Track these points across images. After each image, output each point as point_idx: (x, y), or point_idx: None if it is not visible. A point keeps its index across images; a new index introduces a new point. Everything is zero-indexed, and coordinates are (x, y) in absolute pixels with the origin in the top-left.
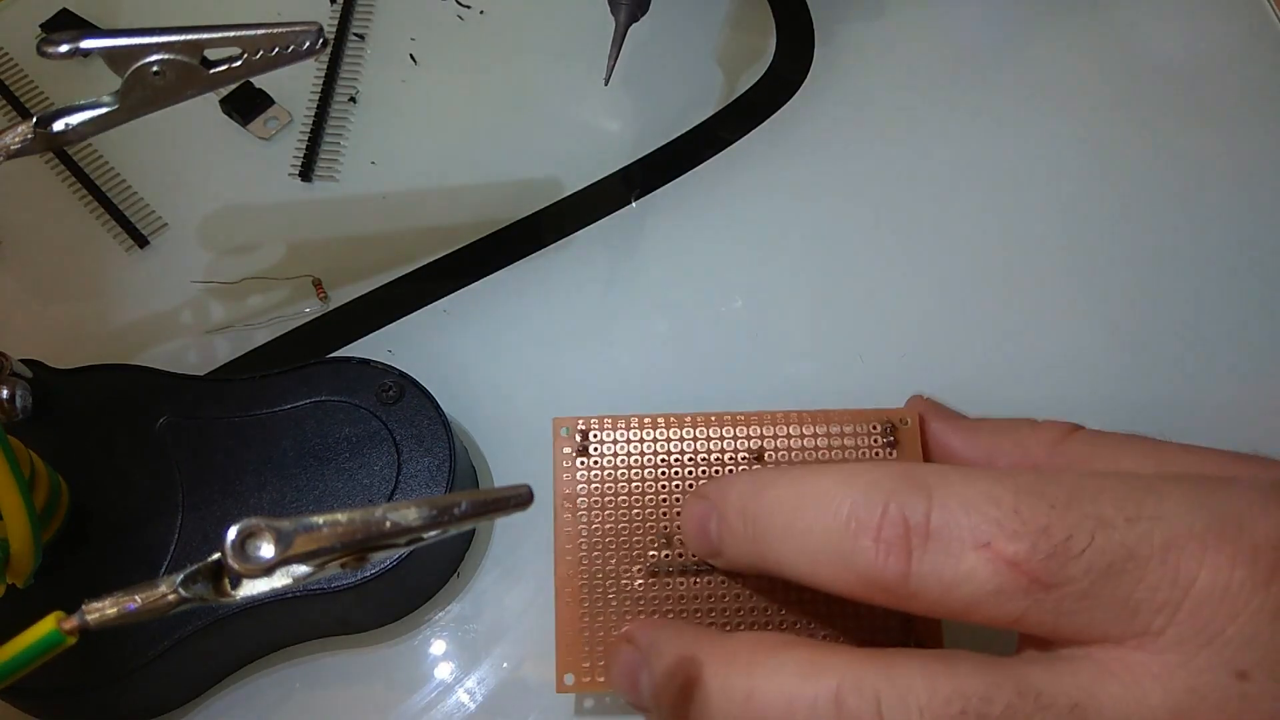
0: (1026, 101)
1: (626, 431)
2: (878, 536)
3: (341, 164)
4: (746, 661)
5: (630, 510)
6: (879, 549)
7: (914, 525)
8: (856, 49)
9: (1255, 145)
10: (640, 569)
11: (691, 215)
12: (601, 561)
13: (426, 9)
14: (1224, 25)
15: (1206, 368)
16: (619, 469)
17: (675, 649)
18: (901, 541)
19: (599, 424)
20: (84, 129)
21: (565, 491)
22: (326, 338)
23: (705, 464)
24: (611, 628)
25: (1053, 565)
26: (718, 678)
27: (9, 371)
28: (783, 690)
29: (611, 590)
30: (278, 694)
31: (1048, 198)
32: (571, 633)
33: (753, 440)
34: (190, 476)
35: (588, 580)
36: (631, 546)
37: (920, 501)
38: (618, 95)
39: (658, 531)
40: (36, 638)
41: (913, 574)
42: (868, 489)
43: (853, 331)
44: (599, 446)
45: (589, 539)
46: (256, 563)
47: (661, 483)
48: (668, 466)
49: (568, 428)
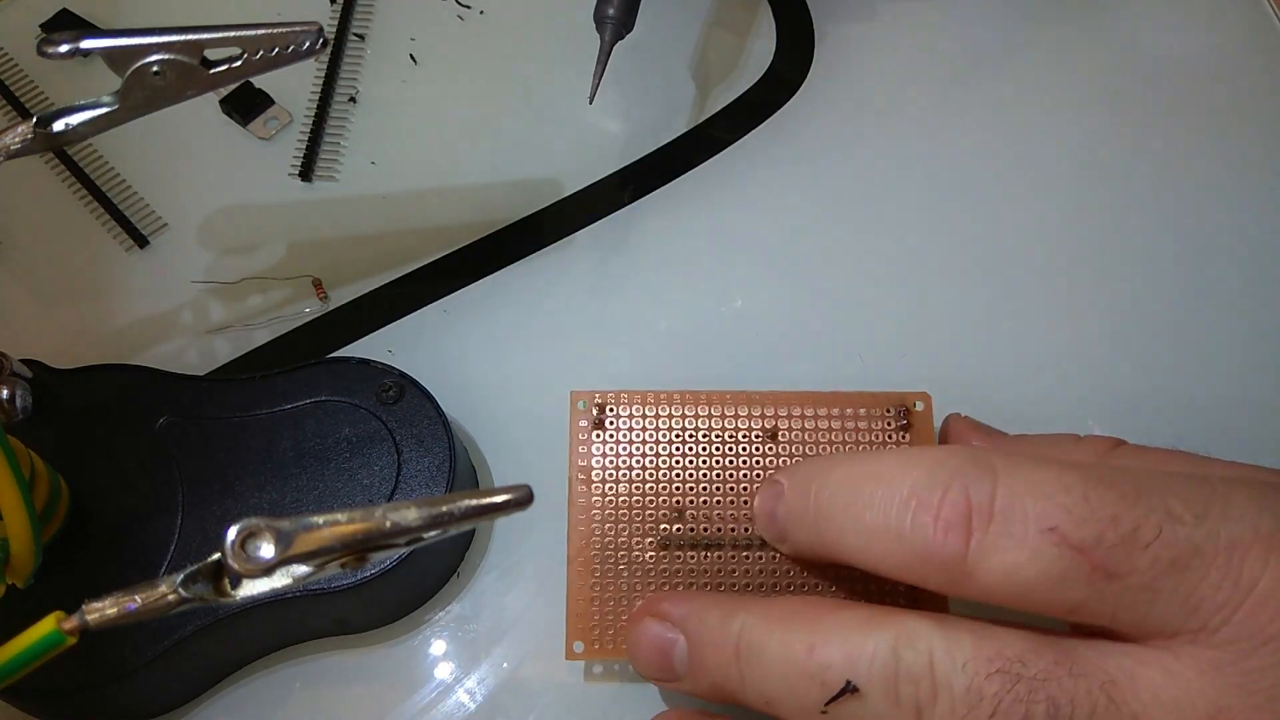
0: (1026, 101)
1: (643, 407)
2: (937, 515)
3: (341, 164)
4: (807, 618)
5: (644, 484)
6: (938, 526)
7: (977, 505)
8: (856, 49)
9: (1255, 145)
10: (652, 541)
11: (691, 215)
12: (614, 533)
13: (426, 9)
14: (1223, 25)
15: (1207, 367)
16: (634, 443)
17: (720, 613)
18: (963, 521)
19: (615, 399)
20: (84, 129)
21: (580, 464)
22: (326, 338)
23: (720, 441)
24: (622, 598)
25: (1119, 555)
26: (776, 634)
27: (9, 371)
28: (845, 643)
29: (623, 561)
30: (278, 694)
31: (1048, 197)
32: (582, 601)
33: (767, 420)
34: (190, 476)
35: (600, 551)
36: (644, 520)
37: (985, 483)
38: (618, 95)
39: (670, 506)
40: (36, 638)
41: (971, 554)
42: (932, 468)
43: (853, 331)
44: (615, 421)
45: (602, 511)
46: (256, 563)
47: (675, 458)
48: (682, 442)
49: (585, 400)
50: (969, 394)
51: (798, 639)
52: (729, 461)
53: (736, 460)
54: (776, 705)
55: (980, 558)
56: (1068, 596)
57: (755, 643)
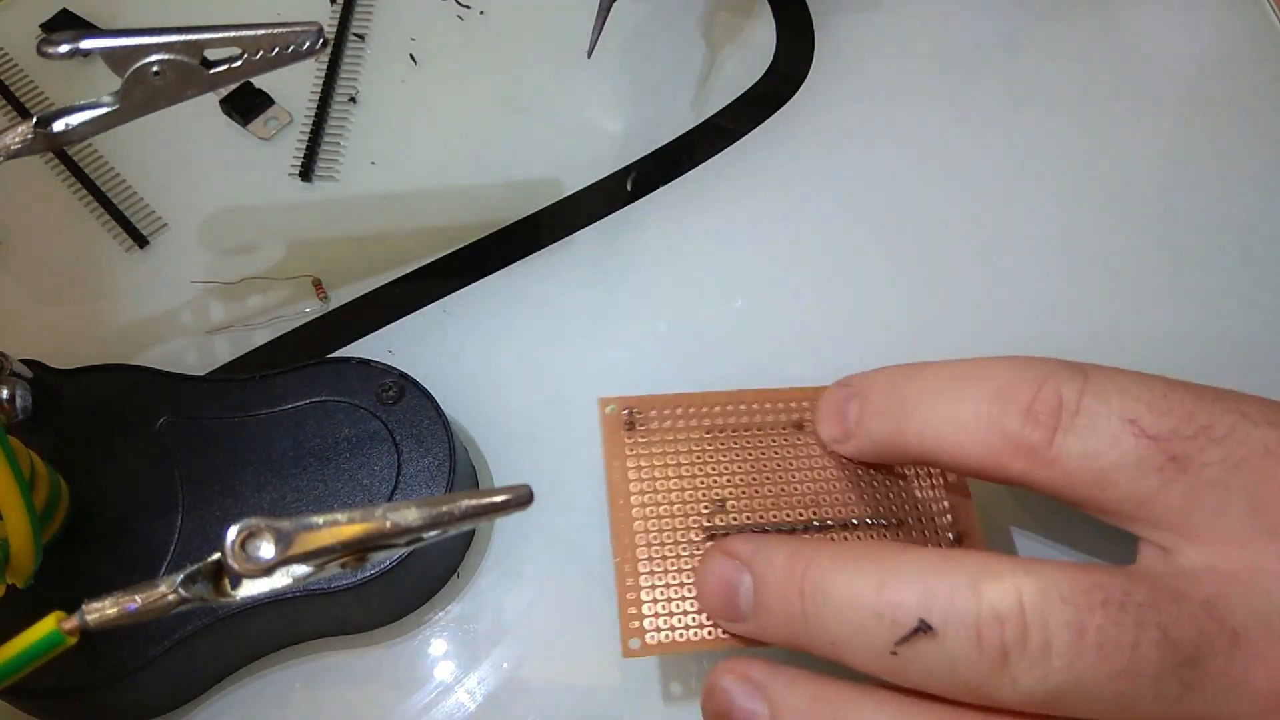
0: (1028, 98)
1: (670, 409)
2: (1029, 408)
3: (341, 164)
4: (877, 557)
5: (681, 480)
6: (1029, 416)
7: (1066, 402)
8: (857, 47)
9: (1255, 145)
10: (698, 534)
11: (692, 215)
12: (659, 529)
13: (426, 9)
14: (1223, 25)
15: (1208, 367)
16: (666, 443)
17: (786, 552)
18: (1052, 415)
19: (640, 403)
20: (84, 129)
21: (614, 464)
22: (326, 338)
23: (748, 434)
24: (672, 590)
25: (1192, 447)
26: (843, 572)
27: (9, 371)
28: (919, 580)
29: (670, 554)
30: (278, 694)
31: (1051, 195)
32: (633, 599)
33: (791, 413)
34: (190, 476)
35: (646, 548)
36: (687, 514)
37: (1076, 382)
38: (618, 95)
39: (711, 499)
40: (36, 638)
41: (1056, 441)
42: (1026, 365)
43: (853, 331)
44: (645, 423)
45: (643, 509)
46: (256, 563)
47: (709, 453)
48: (713, 439)
49: (614, 405)
50: None
51: (866, 576)
52: (760, 454)
53: (769, 451)
54: (843, 648)
55: (1063, 444)
56: (1141, 485)
57: (821, 581)
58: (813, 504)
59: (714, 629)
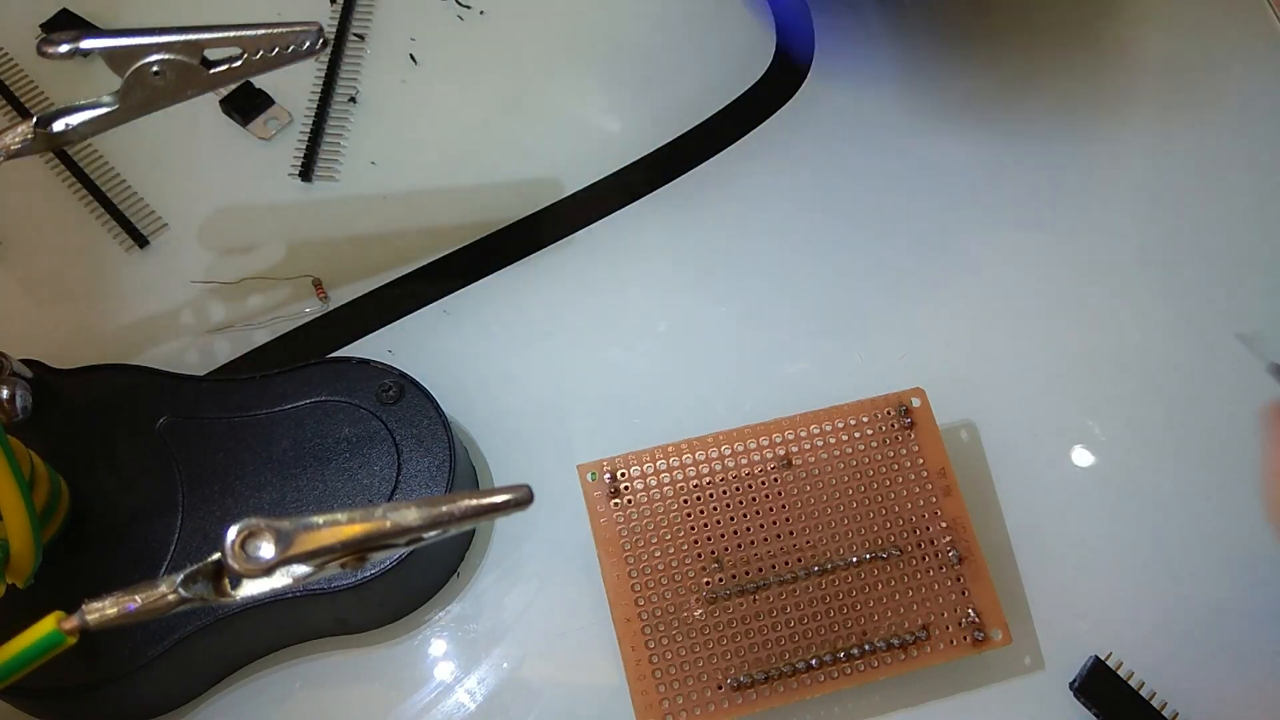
0: (1026, 101)
1: (653, 464)
2: None
3: (341, 164)
4: None
5: (675, 541)
6: None
7: None
8: (856, 49)
9: (1254, 145)
10: (698, 598)
11: (691, 215)
12: (659, 600)
13: (426, 9)
14: (1224, 25)
15: (1208, 366)
16: (654, 502)
17: None
18: None
19: (624, 462)
20: (84, 129)
21: (605, 536)
22: (326, 338)
23: (736, 479)
24: (683, 664)
25: None
26: None
27: (9, 371)
28: None
29: (675, 625)
30: (278, 694)
31: (1047, 197)
32: (643, 675)
33: (777, 448)
34: (190, 476)
35: (649, 621)
36: (684, 577)
37: None
38: (618, 96)
39: (706, 556)
40: (36, 638)
41: None
42: None
43: (852, 332)
44: (629, 484)
45: (640, 579)
46: (256, 563)
47: (699, 507)
48: (701, 491)
49: (594, 472)
50: (970, 393)
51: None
52: (751, 498)
53: (759, 495)
54: None
55: None
56: None
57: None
58: (810, 547)
59: (729, 700)
